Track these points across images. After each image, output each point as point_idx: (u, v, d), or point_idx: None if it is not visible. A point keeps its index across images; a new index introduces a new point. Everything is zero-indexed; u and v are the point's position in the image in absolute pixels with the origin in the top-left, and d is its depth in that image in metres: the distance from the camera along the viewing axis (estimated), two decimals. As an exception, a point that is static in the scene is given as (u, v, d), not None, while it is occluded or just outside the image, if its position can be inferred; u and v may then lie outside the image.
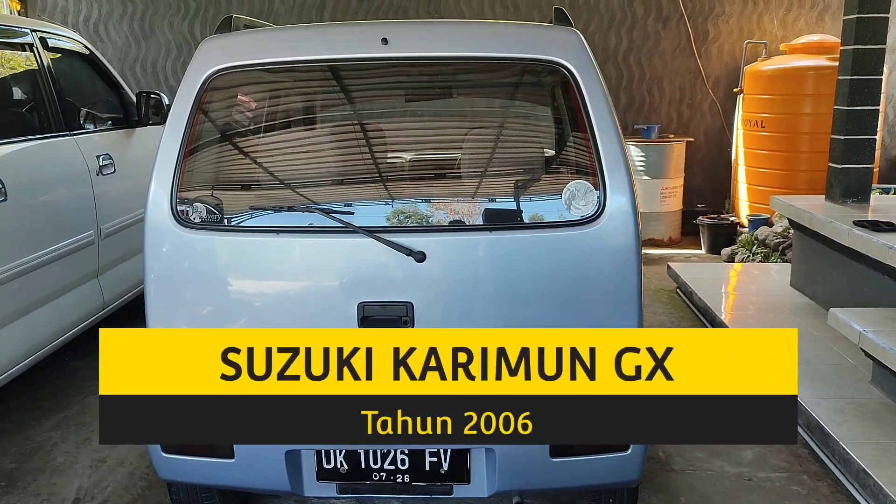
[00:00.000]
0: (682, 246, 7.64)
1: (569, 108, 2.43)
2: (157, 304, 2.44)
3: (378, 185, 2.48)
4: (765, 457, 3.40)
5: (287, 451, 2.43)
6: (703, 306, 5.08)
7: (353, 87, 2.54)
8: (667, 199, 7.61)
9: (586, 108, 2.39)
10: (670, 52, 7.96)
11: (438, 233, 2.38)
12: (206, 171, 2.46)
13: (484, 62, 2.45)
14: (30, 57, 4.01)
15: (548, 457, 2.42)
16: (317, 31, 2.53)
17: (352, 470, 2.47)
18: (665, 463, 3.36)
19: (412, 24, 2.46)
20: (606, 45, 7.96)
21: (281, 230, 2.40)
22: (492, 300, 2.39)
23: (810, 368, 3.90)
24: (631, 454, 2.44)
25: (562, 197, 2.38)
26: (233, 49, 2.48)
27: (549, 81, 2.48)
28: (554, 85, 2.47)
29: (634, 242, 2.40)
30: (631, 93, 8.06)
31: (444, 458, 2.46)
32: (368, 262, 2.37)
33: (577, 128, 2.42)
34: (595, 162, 2.38)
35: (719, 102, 7.98)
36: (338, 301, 2.38)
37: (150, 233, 2.42)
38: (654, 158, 7.52)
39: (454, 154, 2.52)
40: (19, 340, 3.59)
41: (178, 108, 2.45)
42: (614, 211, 2.37)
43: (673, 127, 8.06)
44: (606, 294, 2.41)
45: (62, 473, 3.33)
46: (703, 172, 8.14)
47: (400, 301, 2.36)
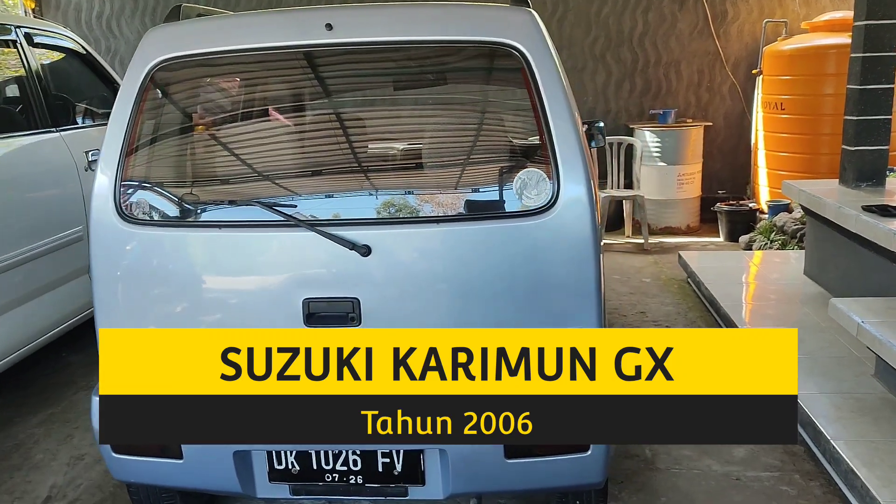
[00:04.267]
0: (700, 234, 7.43)
1: (522, 93, 2.31)
2: (103, 301, 2.40)
3: (322, 177, 2.39)
4: (756, 455, 3.24)
5: (235, 452, 2.37)
6: (711, 297, 4.90)
7: (297, 75, 2.45)
8: (684, 185, 7.39)
9: (539, 93, 2.27)
10: (687, 34, 7.72)
11: (384, 225, 2.28)
12: (148, 166, 2.39)
13: (432, 46, 2.34)
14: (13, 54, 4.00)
15: (503, 458, 2.32)
16: (259, 18, 2.44)
17: (304, 471, 2.41)
18: (649, 461, 3.23)
19: (358, 9, 2.36)
20: (621, 28, 7.75)
21: (223, 224, 2.33)
22: (443, 296, 2.29)
23: (812, 361, 3.72)
24: (592, 455, 2.33)
25: (513, 186, 2.27)
26: (175, 39, 2.40)
27: (502, 65, 2.35)
28: (507, 69, 2.34)
29: (591, 234, 2.28)
30: (647, 77, 7.84)
31: (397, 459, 2.38)
32: (313, 256, 2.29)
33: (531, 114, 2.30)
34: (548, 149, 2.26)
35: (739, 85, 7.72)
36: (283, 297, 2.30)
37: (95, 228, 2.37)
38: (670, 144, 7.30)
39: (401, 143, 2.41)
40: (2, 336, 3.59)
41: (121, 101, 2.39)
42: (569, 201, 2.25)
43: (691, 111, 7.83)
44: (563, 289, 2.30)
45: (39, 471, 3.32)
46: (723, 158, 7.90)
47: (346, 297, 2.28)
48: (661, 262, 6.40)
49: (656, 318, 5.00)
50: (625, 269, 6.24)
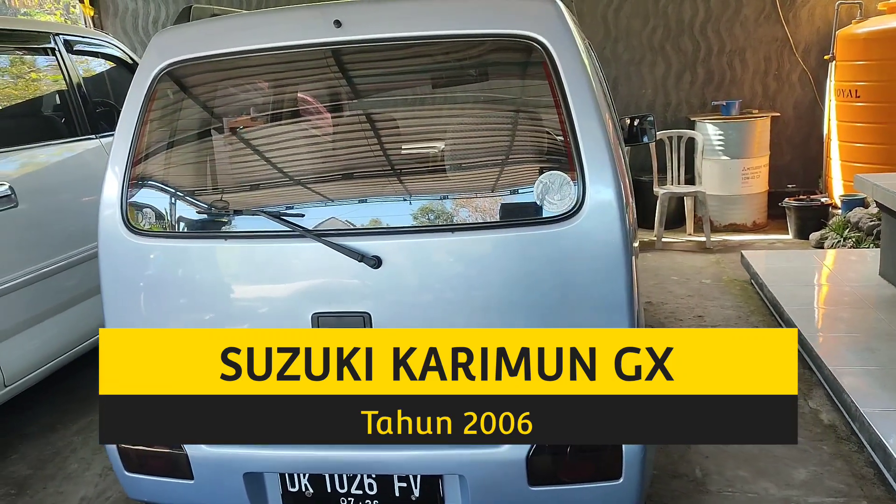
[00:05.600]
0: (767, 231, 7.04)
1: (544, 88, 2.12)
2: (111, 311, 2.33)
3: (333, 185, 2.24)
4: (820, 478, 2.97)
5: (246, 474, 2.27)
6: (774, 299, 4.58)
7: (304, 76, 2.31)
8: (749, 180, 7.01)
9: (563, 89, 2.08)
10: (753, 20, 7.32)
11: (395, 235, 2.13)
12: (154, 175, 2.30)
13: (447, 42, 2.17)
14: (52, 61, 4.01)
15: (526, 485, 2.14)
16: (266, 17, 2.31)
17: (318, 494, 2.29)
18: (700, 482, 2.99)
19: (368, 4, 2.21)
20: (681, 17, 7.41)
21: (229, 235, 2.22)
22: (459, 310, 2.13)
23: (884, 374, 3.40)
24: (624, 483, 2.14)
25: (534, 191, 2.08)
26: (181, 43, 2.30)
27: (523, 60, 2.17)
28: (528, 63, 2.16)
29: (622, 240, 2.07)
30: (709, 67, 7.47)
31: (414, 485, 2.23)
32: (323, 268, 2.16)
33: (554, 111, 2.11)
34: (572, 150, 2.07)
35: (810, 72, 7.28)
36: (291, 311, 2.18)
37: (103, 238, 2.30)
38: (734, 137, 6.93)
39: (415, 148, 2.25)
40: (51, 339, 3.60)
41: (128, 108, 2.31)
42: (596, 205, 2.06)
43: (757, 101, 7.43)
44: (591, 301, 2.10)
45: (72, 481, 3.30)
46: (793, 150, 7.47)
47: (356, 311, 2.14)
48: (724, 261, 6.07)
49: (715, 322, 4.70)
50: (684, 269, 5.93)
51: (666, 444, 3.22)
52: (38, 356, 3.51)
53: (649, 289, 5.47)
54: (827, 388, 3.55)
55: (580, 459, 2.13)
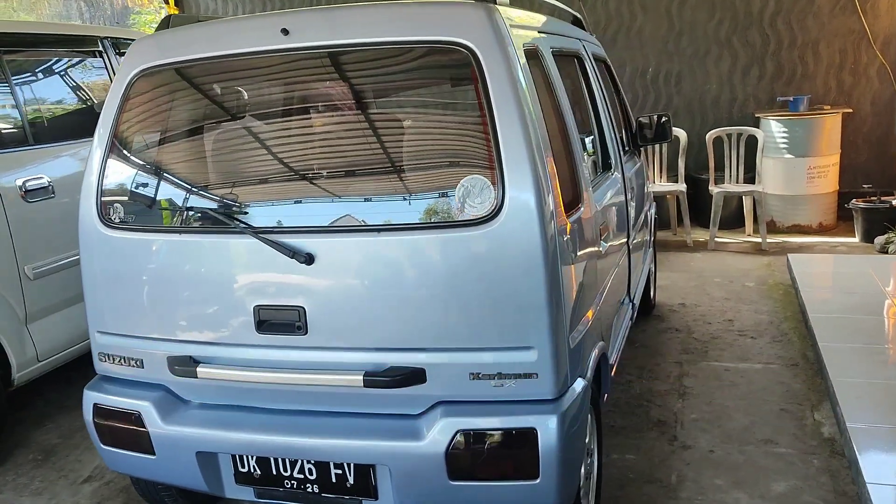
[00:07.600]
0: (834, 233, 6.71)
1: (472, 94, 2.17)
2: (91, 302, 2.54)
3: (276, 185, 2.37)
4: (798, 492, 2.87)
5: (198, 453, 2.43)
6: (803, 304, 4.40)
7: (254, 82, 2.45)
8: (815, 179, 6.69)
9: (487, 94, 2.13)
10: (827, 11, 6.97)
11: (327, 234, 2.24)
12: (124, 172, 2.49)
13: (385, 47, 2.25)
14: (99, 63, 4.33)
15: (447, 480, 2.21)
16: (226, 26, 2.45)
17: (265, 476, 2.43)
18: (673, 488, 2.95)
19: (316, 11, 2.31)
20: (749, 10, 7.13)
21: (182, 230, 2.39)
22: (388, 307, 2.21)
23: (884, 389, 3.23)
24: (542, 483, 2.17)
25: (455, 194, 2.14)
26: (154, 49, 2.49)
27: (454, 65, 2.22)
28: (459, 69, 2.21)
29: (540, 244, 2.10)
30: (779, 61, 7.16)
31: (349, 472, 2.34)
32: (263, 263, 2.29)
33: (479, 116, 2.15)
34: (494, 154, 2.11)
35: (889, 66, 6.87)
36: (237, 303, 2.33)
37: (81, 231, 2.51)
38: (800, 134, 6.63)
39: (349, 151, 2.34)
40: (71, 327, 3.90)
41: (105, 110, 2.52)
42: (514, 209, 2.10)
43: (830, 97, 7.07)
44: (513, 301, 2.14)
45: (91, 451, 3.58)
46: (869, 148, 7.07)
47: (291, 305, 2.26)
48: (776, 264, 5.84)
49: (744, 327, 4.56)
50: (730, 271, 5.75)
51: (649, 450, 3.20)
52: (67, 337, 3.82)
53: (687, 290, 5.35)
54: (830, 400, 3.41)
55: (497, 457, 2.18)
